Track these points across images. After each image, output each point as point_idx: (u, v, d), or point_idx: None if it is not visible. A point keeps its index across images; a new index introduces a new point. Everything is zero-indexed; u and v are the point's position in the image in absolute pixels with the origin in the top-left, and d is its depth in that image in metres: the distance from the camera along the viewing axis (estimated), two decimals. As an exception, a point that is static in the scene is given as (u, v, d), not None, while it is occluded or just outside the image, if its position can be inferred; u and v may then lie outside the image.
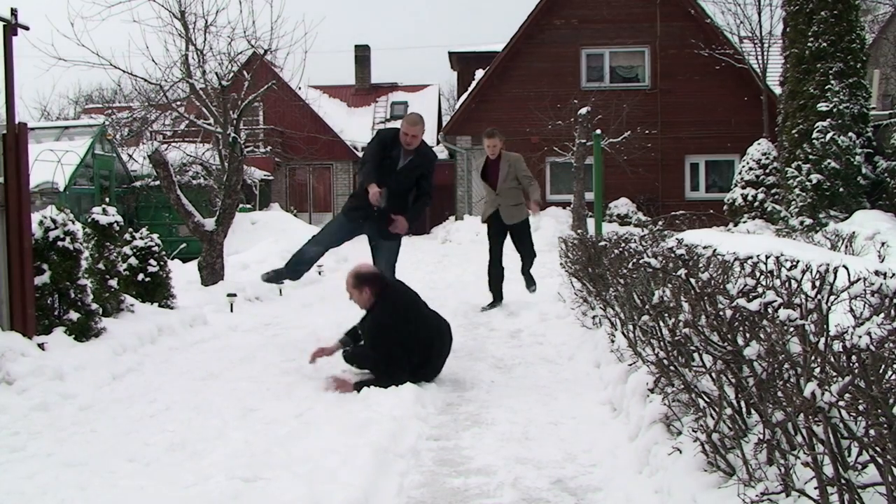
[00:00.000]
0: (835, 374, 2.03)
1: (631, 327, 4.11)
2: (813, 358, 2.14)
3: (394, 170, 6.26)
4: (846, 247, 8.85)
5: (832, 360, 2.06)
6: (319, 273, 11.97)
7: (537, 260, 8.83)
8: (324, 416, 4.19)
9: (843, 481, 1.97)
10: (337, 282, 11.55)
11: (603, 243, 5.86)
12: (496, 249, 8.32)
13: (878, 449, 1.86)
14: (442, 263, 14.64)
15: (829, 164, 13.10)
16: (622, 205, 20.91)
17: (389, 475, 3.36)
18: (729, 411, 2.68)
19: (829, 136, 13.20)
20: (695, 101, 21.73)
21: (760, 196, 16.31)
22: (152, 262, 7.38)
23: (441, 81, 34.27)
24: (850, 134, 13.29)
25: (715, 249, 4.45)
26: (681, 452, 2.88)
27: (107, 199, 12.87)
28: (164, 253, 7.68)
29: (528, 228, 8.46)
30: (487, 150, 8.37)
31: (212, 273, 9.64)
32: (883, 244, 8.27)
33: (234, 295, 8.37)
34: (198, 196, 16.24)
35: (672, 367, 3.12)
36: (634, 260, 4.32)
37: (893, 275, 2.81)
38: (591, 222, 14.86)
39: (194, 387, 5.04)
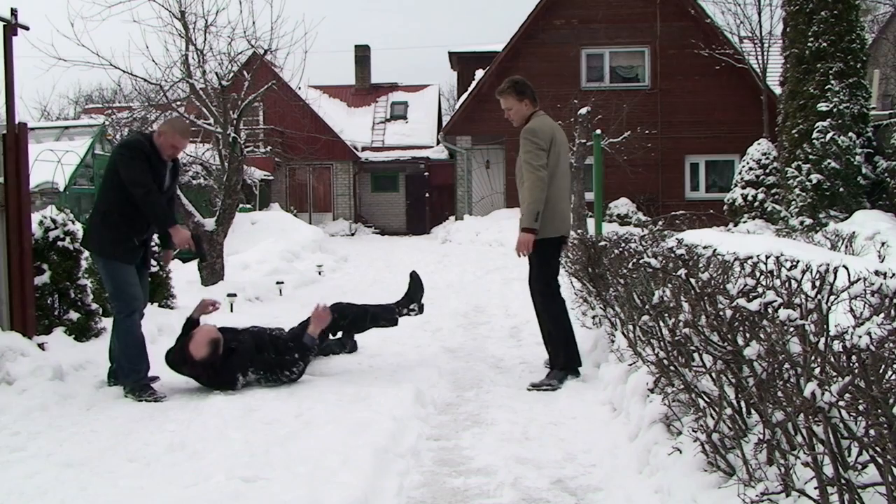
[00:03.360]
0: (835, 374, 2.03)
1: (631, 327, 4.11)
2: (813, 358, 2.14)
3: (162, 188, 5.09)
4: (846, 247, 8.83)
5: (832, 360, 2.06)
6: (320, 273, 11.98)
7: None
8: (324, 416, 4.19)
9: (843, 481, 1.97)
10: (337, 282, 11.58)
11: (603, 243, 5.85)
12: None
13: (878, 449, 1.86)
14: (442, 263, 14.65)
15: (829, 164, 13.09)
16: (622, 205, 20.92)
17: (389, 475, 3.36)
18: (729, 411, 2.68)
19: (829, 136, 13.19)
20: (695, 101, 21.73)
21: (760, 196, 16.30)
22: (152, 262, 7.37)
23: (441, 81, 34.38)
24: (850, 134, 13.27)
25: (715, 249, 4.44)
26: (681, 452, 2.88)
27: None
28: (164, 253, 7.67)
29: (537, 253, 5.14)
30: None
31: (212, 273, 9.64)
32: (883, 244, 8.25)
33: (234, 295, 8.36)
34: (198, 196, 16.24)
35: (672, 367, 3.12)
36: (634, 260, 4.33)
37: (893, 275, 2.81)
38: (591, 222, 14.84)
39: (194, 386, 5.04)
